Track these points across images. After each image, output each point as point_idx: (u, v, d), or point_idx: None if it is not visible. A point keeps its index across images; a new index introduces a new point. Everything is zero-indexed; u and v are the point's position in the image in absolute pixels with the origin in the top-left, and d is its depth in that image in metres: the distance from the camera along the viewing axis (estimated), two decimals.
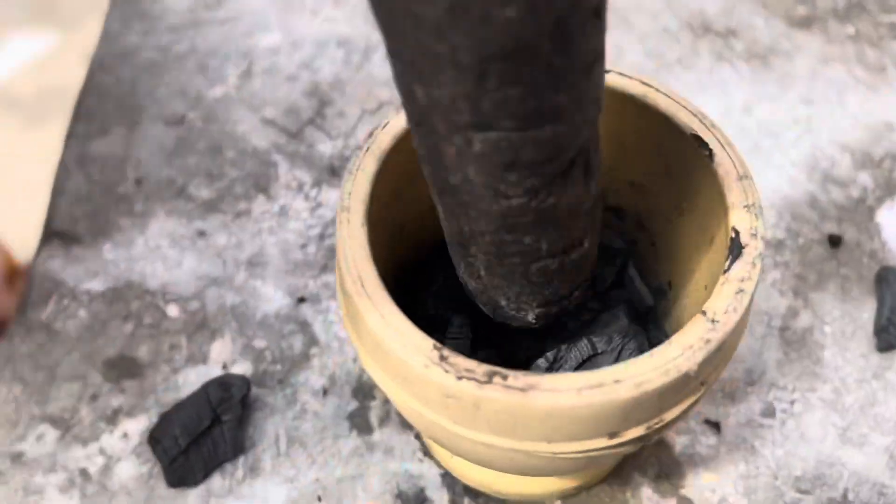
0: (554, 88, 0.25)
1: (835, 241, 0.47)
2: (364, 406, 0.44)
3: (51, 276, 0.48)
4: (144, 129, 0.54)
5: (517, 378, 0.28)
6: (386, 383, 0.31)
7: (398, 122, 0.34)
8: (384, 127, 0.34)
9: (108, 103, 0.55)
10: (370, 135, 0.34)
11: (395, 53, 0.25)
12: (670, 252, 0.38)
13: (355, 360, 0.45)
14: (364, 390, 0.44)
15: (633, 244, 0.40)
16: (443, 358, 0.28)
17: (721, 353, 0.30)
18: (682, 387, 0.29)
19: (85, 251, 0.49)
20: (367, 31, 0.58)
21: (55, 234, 0.50)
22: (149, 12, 0.60)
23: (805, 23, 0.57)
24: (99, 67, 0.57)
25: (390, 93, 0.54)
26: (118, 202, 0.51)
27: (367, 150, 0.33)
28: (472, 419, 0.29)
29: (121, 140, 0.54)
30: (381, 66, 0.56)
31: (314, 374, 0.45)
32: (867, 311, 0.45)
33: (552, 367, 0.34)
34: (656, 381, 0.28)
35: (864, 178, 0.50)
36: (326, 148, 0.53)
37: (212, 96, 0.55)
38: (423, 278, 0.39)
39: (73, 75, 0.63)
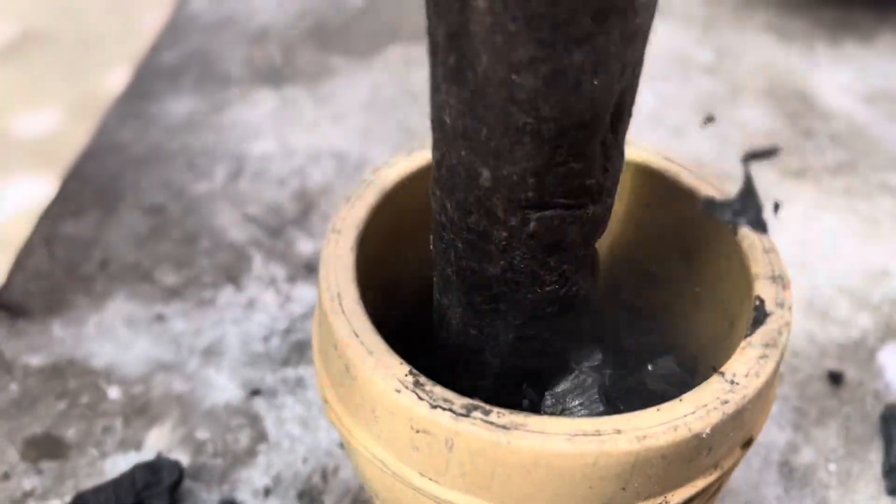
0: (602, 167, 0.25)
1: (836, 379, 0.44)
2: None
3: None
4: (120, 215, 0.52)
5: (501, 415, 0.24)
6: (347, 422, 0.27)
7: (406, 162, 0.33)
8: (393, 165, 0.33)
9: (89, 189, 0.54)
10: (374, 170, 0.33)
11: (469, 134, 0.24)
12: (686, 348, 0.35)
13: (305, 460, 0.40)
14: (311, 494, 0.39)
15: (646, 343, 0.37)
16: (417, 384, 0.25)
17: (738, 425, 0.26)
18: (692, 455, 0.25)
19: (31, 326, 0.46)
20: (361, 147, 0.58)
21: (4, 306, 0.47)
22: (147, 113, 0.60)
23: (797, 174, 0.58)
24: (86, 158, 0.57)
25: None
26: (78, 281, 0.48)
27: (369, 183, 0.31)
28: (443, 467, 0.25)
29: (93, 223, 0.52)
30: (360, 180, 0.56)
31: (258, 473, 0.40)
32: (873, 451, 0.41)
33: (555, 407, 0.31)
34: (662, 437, 0.24)
35: (864, 320, 0.48)
36: (306, 247, 0.51)
37: (195, 191, 0.54)
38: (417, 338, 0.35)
39: None
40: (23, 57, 1.38)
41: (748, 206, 0.33)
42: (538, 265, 0.27)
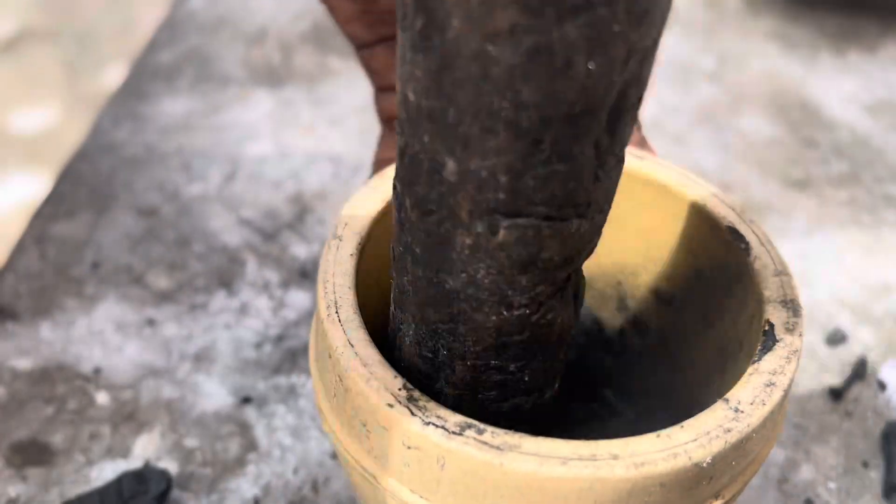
0: (593, 174, 0.22)
1: (836, 395, 0.44)
2: None
3: None
4: (112, 217, 0.52)
5: (495, 435, 0.23)
6: (340, 434, 0.26)
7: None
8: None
9: (82, 190, 0.53)
10: (380, 174, 0.32)
11: (435, 115, 0.21)
12: (695, 369, 0.34)
13: (295, 471, 0.40)
14: None
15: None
16: (411, 399, 0.24)
17: (742, 455, 0.25)
18: (691, 484, 0.24)
19: (20, 328, 0.45)
20: (359, 152, 0.57)
21: None
22: (142, 114, 0.60)
23: (800, 185, 0.57)
24: (80, 157, 0.56)
25: None
26: (68, 283, 0.47)
27: (373, 188, 0.31)
28: (434, 485, 0.24)
29: (86, 224, 0.51)
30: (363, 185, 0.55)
31: (247, 482, 0.39)
32: (874, 469, 0.40)
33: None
34: (661, 464, 0.23)
35: (865, 335, 0.47)
36: (301, 251, 0.50)
37: (190, 193, 0.53)
38: None
39: None
40: (19, 53, 1.38)
41: None
42: (506, 283, 0.23)
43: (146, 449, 0.40)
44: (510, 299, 0.24)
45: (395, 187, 0.24)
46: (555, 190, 0.21)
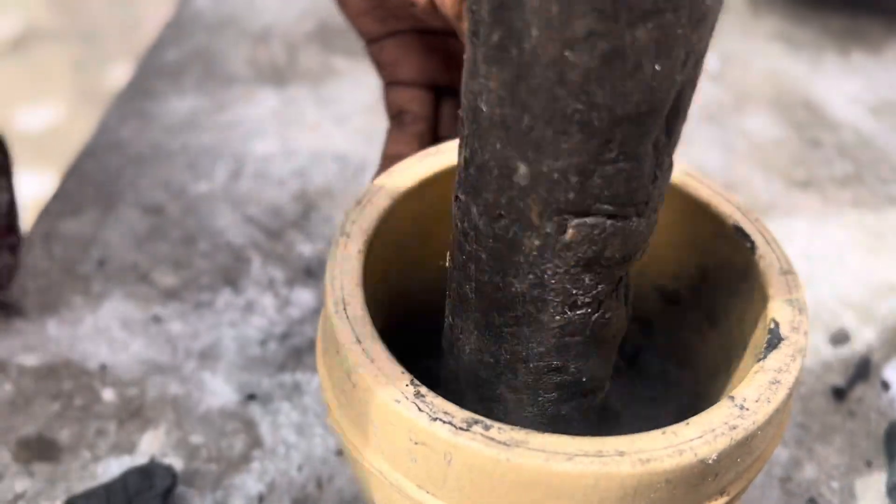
0: (652, 175, 0.23)
1: (839, 394, 0.44)
2: None
3: None
4: (118, 214, 0.52)
5: (502, 430, 0.24)
6: (347, 429, 0.27)
7: (420, 166, 0.32)
8: (405, 168, 0.32)
9: (88, 187, 0.54)
10: (388, 173, 0.32)
11: (508, 122, 0.22)
12: (700, 367, 0.35)
13: (300, 468, 0.40)
14: (306, 501, 0.38)
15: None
16: (418, 395, 0.24)
17: (747, 452, 0.26)
18: (697, 480, 0.25)
19: (27, 325, 0.45)
20: (363, 150, 0.58)
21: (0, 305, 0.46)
22: (148, 112, 0.60)
23: (803, 185, 0.57)
24: (87, 155, 0.56)
25: None
26: (75, 280, 0.48)
27: (381, 186, 0.31)
28: (441, 480, 0.24)
29: (92, 222, 0.51)
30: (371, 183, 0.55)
31: (252, 479, 0.39)
32: (877, 469, 0.40)
33: None
34: (667, 460, 0.23)
35: (868, 335, 0.47)
36: (306, 249, 0.50)
37: (195, 191, 0.54)
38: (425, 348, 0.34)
39: None
40: (26, 52, 1.38)
41: None
42: (571, 282, 0.24)
43: (152, 445, 0.40)
44: (574, 298, 0.25)
45: (456, 198, 0.25)
46: (619, 188, 0.22)
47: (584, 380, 0.28)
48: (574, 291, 0.25)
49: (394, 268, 0.31)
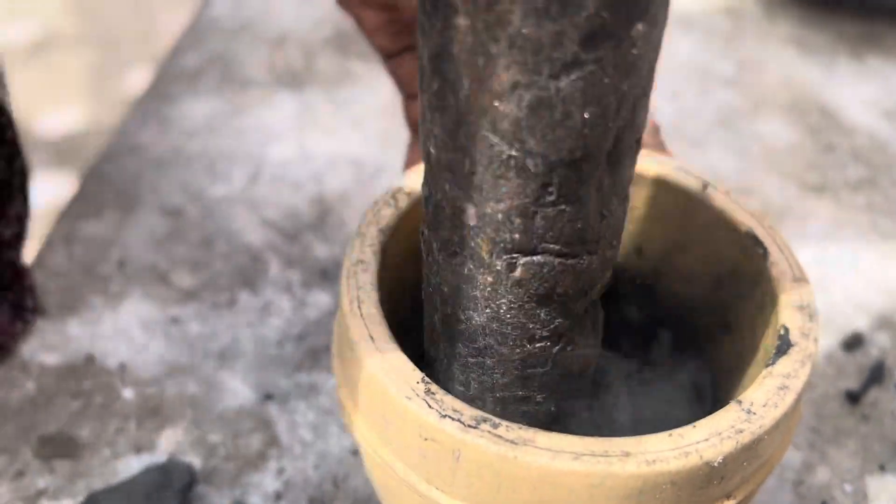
0: (598, 213, 0.24)
1: (853, 398, 0.44)
2: None
3: None
4: (138, 217, 0.53)
5: (509, 429, 0.24)
6: (360, 426, 0.27)
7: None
8: (419, 172, 0.33)
9: (108, 190, 0.54)
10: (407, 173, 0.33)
11: (453, 166, 0.23)
12: (711, 371, 0.35)
13: (316, 466, 0.40)
14: (322, 500, 0.39)
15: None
16: (428, 392, 0.25)
17: (754, 456, 0.26)
18: (702, 483, 0.25)
19: (48, 324, 0.46)
20: (379, 154, 0.58)
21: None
22: (167, 116, 0.61)
23: (817, 189, 0.57)
24: (106, 158, 0.57)
25: None
26: (95, 281, 0.49)
27: (398, 188, 0.32)
28: (450, 476, 0.25)
29: (112, 224, 0.52)
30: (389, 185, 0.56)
31: (269, 477, 0.40)
32: (891, 472, 0.41)
33: None
34: (672, 462, 0.24)
35: (883, 339, 0.47)
36: (322, 252, 0.51)
37: (214, 194, 0.54)
38: None
39: None
40: (45, 57, 1.40)
41: None
42: (527, 317, 0.25)
43: (170, 443, 0.41)
44: (532, 332, 0.26)
45: (422, 233, 0.26)
46: (564, 229, 0.23)
47: (552, 409, 0.29)
48: (531, 325, 0.26)
49: (409, 268, 0.31)
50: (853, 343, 0.46)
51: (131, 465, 0.40)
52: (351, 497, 0.39)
